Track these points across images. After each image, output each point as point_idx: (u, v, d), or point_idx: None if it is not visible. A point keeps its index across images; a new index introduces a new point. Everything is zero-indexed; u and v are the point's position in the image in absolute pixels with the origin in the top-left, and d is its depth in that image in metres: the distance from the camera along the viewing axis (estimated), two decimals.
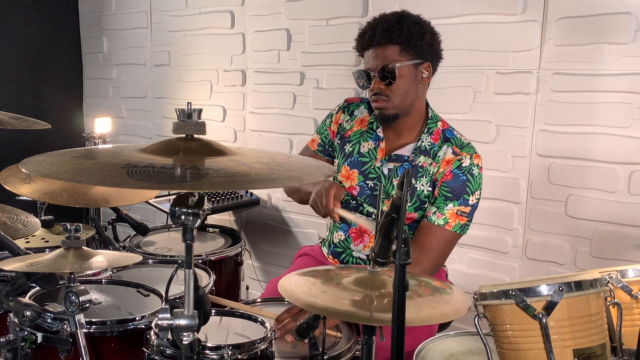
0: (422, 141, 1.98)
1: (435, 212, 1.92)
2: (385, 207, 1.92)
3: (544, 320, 1.24)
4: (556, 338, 1.25)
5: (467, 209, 1.92)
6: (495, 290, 1.31)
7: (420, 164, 1.97)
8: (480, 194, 1.95)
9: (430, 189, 1.95)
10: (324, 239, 2.26)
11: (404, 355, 1.11)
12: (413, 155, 1.98)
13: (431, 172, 1.95)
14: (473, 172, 1.92)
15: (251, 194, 3.35)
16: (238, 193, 3.27)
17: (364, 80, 1.94)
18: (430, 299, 1.39)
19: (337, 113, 2.14)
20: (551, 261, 2.47)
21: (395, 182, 1.97)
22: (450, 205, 1.91)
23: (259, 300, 1.97)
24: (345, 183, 2.06)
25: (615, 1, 2.21)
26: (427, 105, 2.05)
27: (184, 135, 1.20)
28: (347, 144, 2.09)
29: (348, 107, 2.14)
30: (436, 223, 1.91)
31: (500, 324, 1.32)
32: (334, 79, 3.00)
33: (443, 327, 2.06)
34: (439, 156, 1.95)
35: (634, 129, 2.23)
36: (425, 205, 1.96)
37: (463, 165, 1.91)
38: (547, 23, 2.36)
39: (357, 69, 1.97)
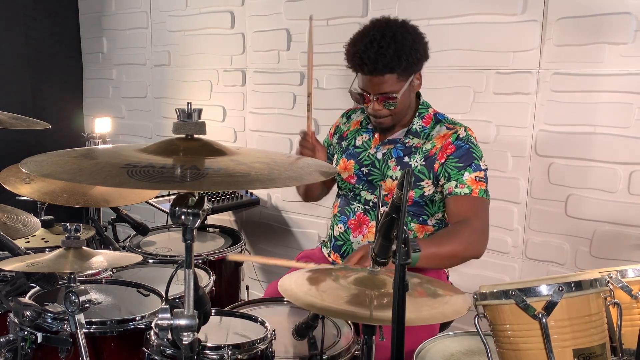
0: (414, 124, 2.05)
1: (456, 185, 1.94)
2: (384, 190, 1.98)
3: (544, 320, 1.24)
4: (556, 338, 1.25)
5: (482, 174, 1.95)
6: (495, 290, 1.31)
7: (412, 145, 2.03)
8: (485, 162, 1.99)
9: (423, 163, 1.99)
10: (324, 240, 2.28)
11: (404, 355, 1.12)
12: (404, 137, 2.05)
13: (424, 149, 2.00)
14: (472, 140, 1.98)
15: (251, 194, 3.35)
16: (238, 193, 3.27)
17: (361, 99, 1.99)
18: (430, 299, 1.39)
19: (337, 120, 2.30)
20: (551, 261, 2.47)
21: (390, 163, 2.03)
22: (467, 174, 1.94)
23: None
24: (343, 174, 2.14)
25: (615, 1, 2.21)
26: (419, 96, 2.10)
27: (184, 135, 1.20)
28: (344, 141, 2.21)
29: (347, 113, 2.28)
30: (463, 194, 1.93)
31: (500, 324, 1.32)
32: (334, 79, 3.00)
33: (443, 327, 2.06)
34: (432, 135, 2.01)
35: (633, 129, 2.23)
36: (422, 182, 1.98)
37: (460, 136, 1.98)
38: (547, 23, 2.36)
39: (354, 89, 2.00)
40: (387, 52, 1.85)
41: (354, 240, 2.10)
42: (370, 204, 2.07)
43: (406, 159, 2.01)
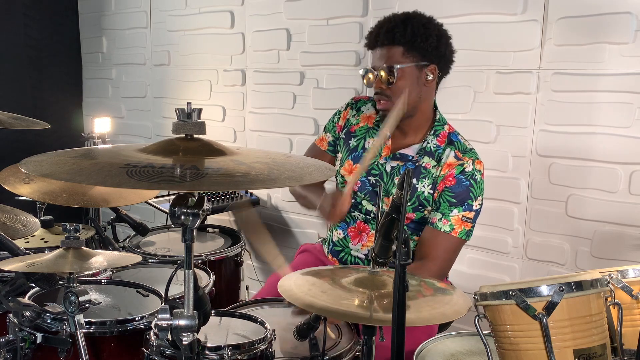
0: (428, 142, 1.97)
1: (440, 219, 1.91)
2: (385, 206, 1.95)
3: (545, 320, 1.24)
4: (556, 338, 1.25)
5: (471, 215, 1.91)
6: (495, 291, 1.30)
7: (423, 165, 1.96)
8: (482, 200, 1.94)
9: (431, 191, 1.94)
10: (324, 239, 2.26)
11: (404, 355, 1.11)
12: (417, 155, 1.98)
13: (434, 175, 1.94)
14: (476, 177, 1.91)
15: (251, 194, 3.35)
16: (238, 193, 3.27)
17: (368, 78, 1.94)
18: (431, 299, 1.39)
19: (345, 110, 2.15)
20: (551, 261, 2.47)
21: (396, 181, 1.96)
22: (455, 211, 1.90)
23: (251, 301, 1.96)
24: (347, 177, 2.06)
25: (615, 1, 2.21)
26: (436, 108, 2.04)
27: (183, 135, 1.20)
28: (352, 139, 2.09)
29: (356, 104, 2.14)
30: (442, 230, 1.91)
31: (500, 324, 1.32)
32: (334, 79, 3.00)
33: (443, 327, 2.06)
34: (442, 160, 1.94)
35: (634, 129, 2.23)
36: (425, 208, 1.95)
37: (466, 170, 1.91)
38: (547, 23, 2.36)
39: (364, 67, 1.97)
40: (396, 21, 1.87)
41: (353, 247, 2.07)
42: (372, 214, 2.02)
43: (414, 181, 1.94)
